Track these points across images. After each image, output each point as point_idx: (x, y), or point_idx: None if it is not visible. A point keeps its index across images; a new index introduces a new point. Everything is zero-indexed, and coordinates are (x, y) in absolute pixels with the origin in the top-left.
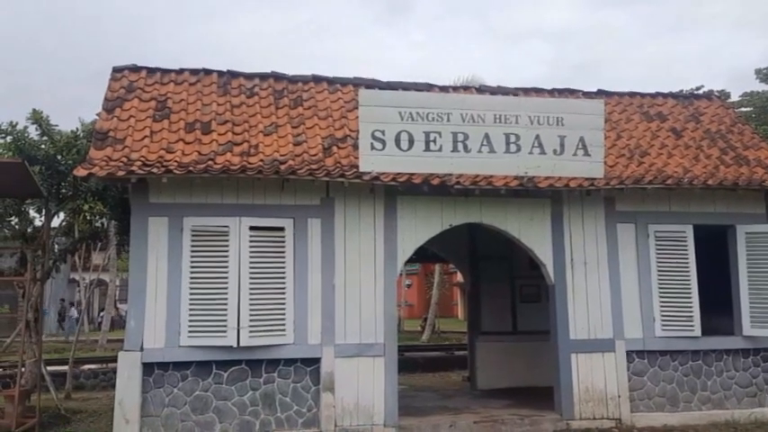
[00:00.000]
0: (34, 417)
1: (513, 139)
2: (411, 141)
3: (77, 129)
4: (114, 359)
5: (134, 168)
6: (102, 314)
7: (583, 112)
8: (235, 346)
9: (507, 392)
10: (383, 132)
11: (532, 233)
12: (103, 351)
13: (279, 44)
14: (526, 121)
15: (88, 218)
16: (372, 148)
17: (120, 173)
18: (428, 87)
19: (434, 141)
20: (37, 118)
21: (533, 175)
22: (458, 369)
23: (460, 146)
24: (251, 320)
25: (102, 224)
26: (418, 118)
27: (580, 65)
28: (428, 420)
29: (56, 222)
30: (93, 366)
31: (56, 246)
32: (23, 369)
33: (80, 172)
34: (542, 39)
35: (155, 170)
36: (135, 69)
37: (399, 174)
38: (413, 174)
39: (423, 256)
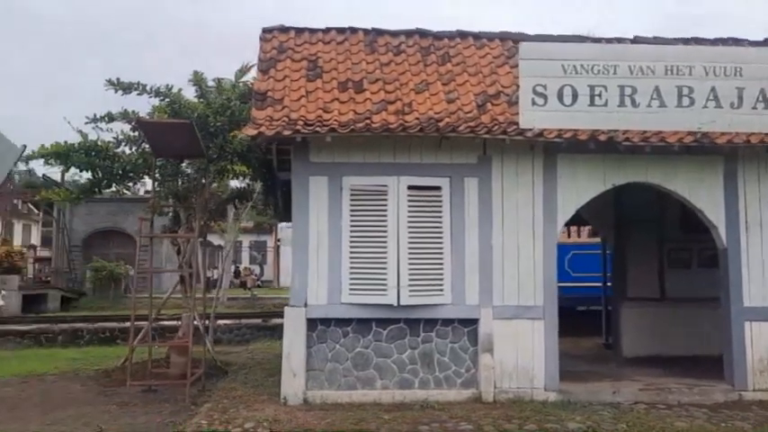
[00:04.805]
0: (194, 367)
1: (685, 91)
2: (575, 96)
3: (234, 90)
4: (242, 316)
5: (299, 127)
6: (215, 273)
7: (764, 61)
8: (395, 304)
9: (657, 361)
10: (545, 87)
11: (703, 193)
12: (224, 308)
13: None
14: (700, 72)
15: (230, 178)
16: (533, 103)
17: (286, 132)
18: (580, 40)
19: (600, 95)
20: (198, 80)
21: (708, 131)
22: (586, 335)
23: (628, 100)
24: (410, 280)
25: (248, 185)
26: (582, 71)
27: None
28: (588, 386)
29: None
30: (228, 322)
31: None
32: (181, 322)
33: (249, 132)
34: None
35: (318, 129)
36: (284, 30)
37: (563, 130)
38: (577, 130)
39: None
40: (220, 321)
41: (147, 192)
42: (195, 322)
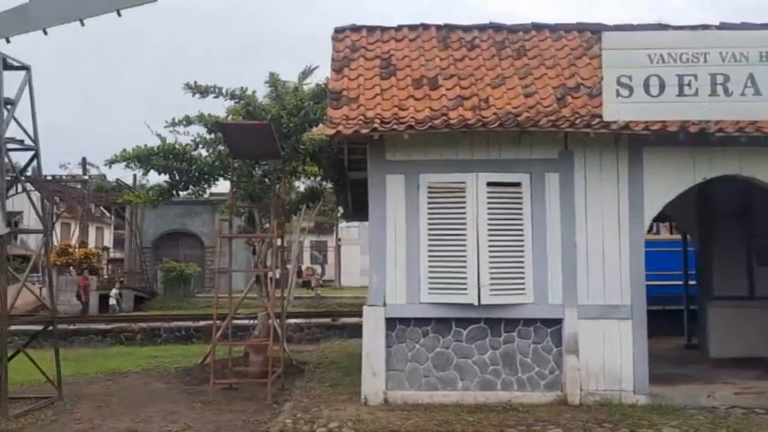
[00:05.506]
0: (273, 366)
1: None
2: (662, 86)
3: (304, 91)
4: (311, 315)
5: (376, 125)
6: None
7: None
8: (476, 304)
9: (748, 363)
10: (630, 78)
11: None
12: (290, 307)
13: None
14: None
15: (300, 179)
16: (618, 95)
17: (364, 130)
18: (661, 28)
19: (689, 85)
20: (273, 81)
21: None
22: (659, 335)
23: (720, 89)
24: (491, 279)
25: (320, 184)
26: (670, 60)
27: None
28: (679, 389)
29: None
30: (298, 321)
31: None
32: (257, 321)
33: (327, 131)
34: None
35: (396, 126)
36: (355, 29)
37: (650, 122)
38: (665, 121)
39: None
40: (290, 320)
41: (212, 194)
42: (270, 321)
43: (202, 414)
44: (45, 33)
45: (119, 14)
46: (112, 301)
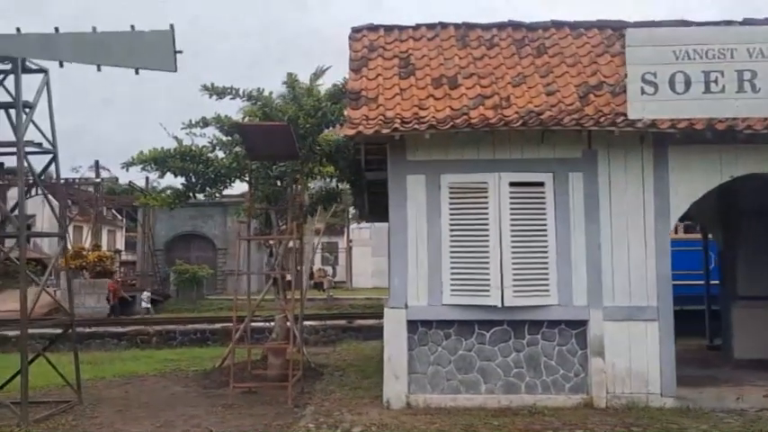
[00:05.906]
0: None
1: None
2: (688, 83)
3: (319, 92)
4: (326, 317)
5: (397, 125)
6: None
7: None
8: (499, 305)
9: None
10: (655, 75)
11: None
12: (305, 309)
13: None
14: None
15: (315, 179)
16: (643, 92)
17: (385, 130)
18: (684, 24)
19: (716, 82)
20: (291, 82)
21: None
22: (680, 336)
23: (747, 85)
24: (514, 280)
25: (337, 185)
26: (696, 56)
27: None
28: (708, 392)
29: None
30: (313, 323)
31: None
32: (275, 324)
33: (347, 131)
34: None
35: (417, 126)
36: (373, 28)
37: (676, 120)
38: (692, 119)
39: None
40: (306, 323)
41: (223, 196)
42: (288, 324)
43: (223, 418)
44: (61, 66)
45: (137, 72)
46: (146, 304)
